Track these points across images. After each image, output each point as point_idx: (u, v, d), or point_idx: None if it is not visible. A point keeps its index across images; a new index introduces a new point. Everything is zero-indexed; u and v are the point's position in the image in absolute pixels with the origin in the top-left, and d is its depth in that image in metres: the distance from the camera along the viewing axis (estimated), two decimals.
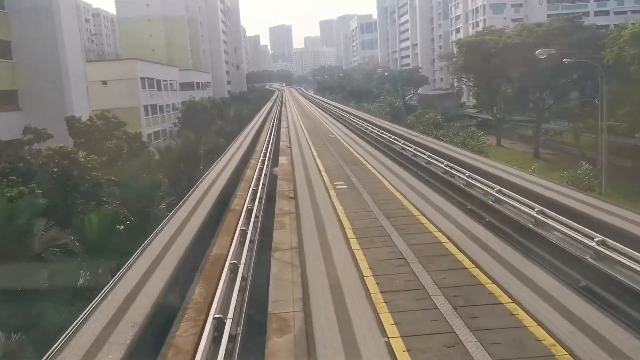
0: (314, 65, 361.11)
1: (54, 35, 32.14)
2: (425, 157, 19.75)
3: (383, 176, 18.07)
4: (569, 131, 57.72)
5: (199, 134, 48.98)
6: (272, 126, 34.03)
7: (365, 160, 22.26)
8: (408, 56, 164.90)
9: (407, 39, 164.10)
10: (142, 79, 51.08)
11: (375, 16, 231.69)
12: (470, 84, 64.91)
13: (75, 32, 36.69)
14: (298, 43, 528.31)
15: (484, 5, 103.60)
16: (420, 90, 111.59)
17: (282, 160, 22.34)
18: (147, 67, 54.71)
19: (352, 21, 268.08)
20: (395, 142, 25.05)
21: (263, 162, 19.85)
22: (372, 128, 32.78)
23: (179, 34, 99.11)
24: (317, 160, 22.40)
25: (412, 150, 21.84)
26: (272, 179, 18.27)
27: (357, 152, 25.01)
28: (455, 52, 65.64)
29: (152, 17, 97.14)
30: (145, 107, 51.69)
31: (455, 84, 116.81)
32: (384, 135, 28.32)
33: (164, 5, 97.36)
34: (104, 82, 48.53)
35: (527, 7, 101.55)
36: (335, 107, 64.91)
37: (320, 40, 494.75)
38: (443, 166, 17.65)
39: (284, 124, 37.03)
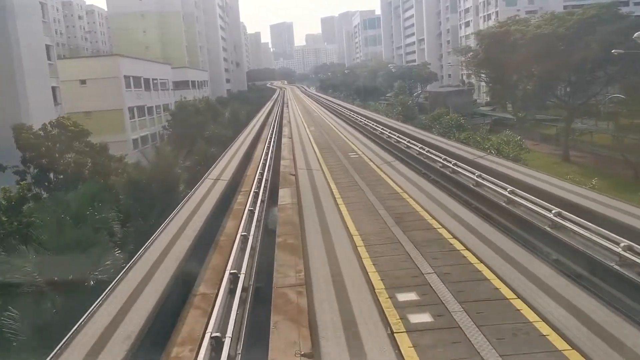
0: (316, 63, 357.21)
1: (3, 31, 26.73)
2: (475, 176, 14.23)
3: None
4: (598, 130, 52.16)
5: (188, 140, 43.63)
6: (272, 135, 28.35)
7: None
8: (414, 52, 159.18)
9: (413, 34, 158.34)
10: (127, 77, 45.67)
11: (378, 12, 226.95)
12: (488, 79, 59.14)
13: (37, 26, 31.26)
14: (299, 40, 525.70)
15: None
16: (428, 88, 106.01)
17: (284, 202, 14.03)
18: (133, 65, 49.26)
19: (354, 17, 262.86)
20: (436, 158, 18.25)
21: (254, 205, 12.44)
22: (396, 136, 26.46)
23: (174, 30, 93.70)
24: (345, 213, 12.65)
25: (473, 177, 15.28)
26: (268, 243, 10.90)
27: (410, 195, 14.16)
28: (472, 45, 59.87)
29: (146, 12, 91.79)
30: (131, 108, 46.30)
31: (466, 81, 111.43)
32: (415, 147, 21.81)
33: None
34: (83, 82, 43.18)
35: None
36: (343, 107, 59.49)
37: (322, 37, 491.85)
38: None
39: (285, 131, 31.20)
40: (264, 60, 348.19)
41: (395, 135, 25.86)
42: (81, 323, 6.57)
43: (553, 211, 10.36)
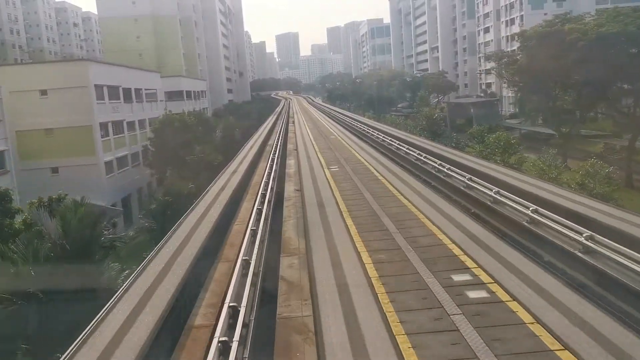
0: (322, 73, 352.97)
1: None
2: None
3: None
4: None
5: (173, 161, 35.51)
6: (272, 165, 20.02)
7: None
8: (425, 60, 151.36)
9: (424, 42, 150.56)
10: (99, 86, 37.65)
11: (386, 20, 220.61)
12: (524, 88, 50.64)
13: None
14: (305, 50, 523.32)
15: (520, 0, 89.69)
16: (446, 98, 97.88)
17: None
18: (109, 72, 41.22)
19: (361, 26, 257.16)
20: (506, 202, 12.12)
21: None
22: (433, 162, 19.06)
23: (171, 35, 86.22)
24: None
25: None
26: None
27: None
28: (506, 49, 51.47)
29: (139, 16, 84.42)
30: (104, 124, 38.23)
31: (488, 90, 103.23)
32: (459, 177, 15.91)
33: (153, 2, 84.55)
34: (43, 92, 35.22)
35: (572, 0, 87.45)
36: (356, 120, 51.10)
37: (328, 47, 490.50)
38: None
39: (290, 163, 22.82)
40: (269, 70, 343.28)
41: (432, 161, 19.59)
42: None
43: None
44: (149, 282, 8.27)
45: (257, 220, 11.87)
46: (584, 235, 9.39)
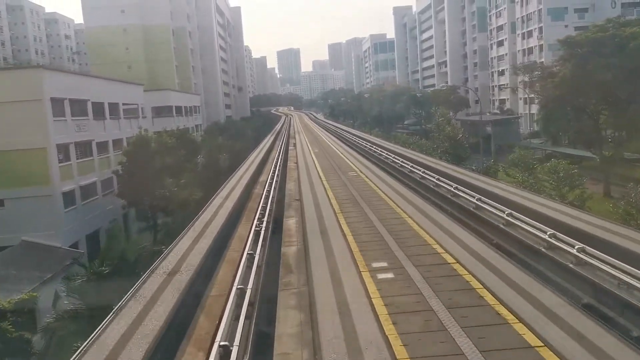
0: (323, 89, 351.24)
1: None
2: None
3: None
4: None
5: (146, 193, 28.55)
6: (266, 208, 12.93)
7: None
8: (432, 76, 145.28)
9: (431, 56, 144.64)
10: (58, 100, 30.77)
11: (390, 35, 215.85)
12: (558, 104, 43.73)
13: None
14: (306, 67, 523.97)
15: (539, 11, 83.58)
16: (458, 115, 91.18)
17: None
18: (71, 83, 34.24)
19: (364, 42, 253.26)
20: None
21: None
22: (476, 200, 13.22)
23: (163, 46, 79.88)
24: None
25: None
26: None
27: None
28: (523, 61, 44.79)
29: (129, 26, 78.18)
30: (64, 146, 31.29)
31: (504, 107, 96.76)
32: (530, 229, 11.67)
33: (143, 11, 78.37)
34: None
35: (594, 12, 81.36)
36: (365, 140, 44.40)
37: (329, 63, 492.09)
38: None
39: (290, 216, 15.56)
40: (270, 85, 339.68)
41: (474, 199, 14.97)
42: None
43: None
44: None
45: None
46: None
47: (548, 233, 11.20)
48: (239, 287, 8.53)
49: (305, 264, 10.67)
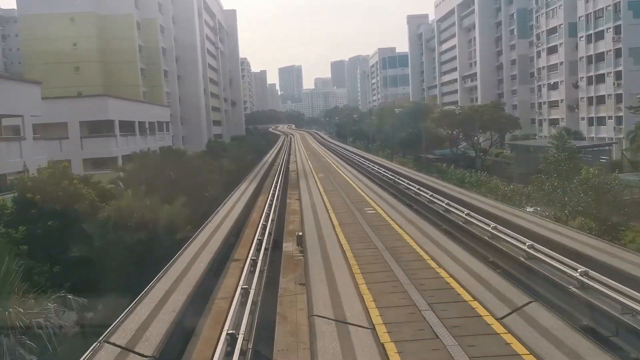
0: (325, 107, 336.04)
1: None
2: None
3: None
4: None
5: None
6: None
7: None
8: (454, 91, 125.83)
9: (454, 69, 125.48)
10: None
11: (400, 49, 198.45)
12: None
13: None
14: (308, 84, 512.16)
15: (615, 5, 64.44)
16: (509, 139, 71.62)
17: None
18: None
19: (371, 56, 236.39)
20: None
21: None
22: None
23: (124, 43, 60.33)
24: None
25: None
26: None
27: None
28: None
29: (78, 14, 58.77)
30: None
31: (562, 129, 77.02)
32: None
33: None
34: None
35: None
36: (420, 181, 24.35)
37: (331, 81, 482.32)
38: None
39: None
40: (271, 102, 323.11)
41: None
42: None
43: None
44: None
45: None
46: None
47: None
48: None
49: None
